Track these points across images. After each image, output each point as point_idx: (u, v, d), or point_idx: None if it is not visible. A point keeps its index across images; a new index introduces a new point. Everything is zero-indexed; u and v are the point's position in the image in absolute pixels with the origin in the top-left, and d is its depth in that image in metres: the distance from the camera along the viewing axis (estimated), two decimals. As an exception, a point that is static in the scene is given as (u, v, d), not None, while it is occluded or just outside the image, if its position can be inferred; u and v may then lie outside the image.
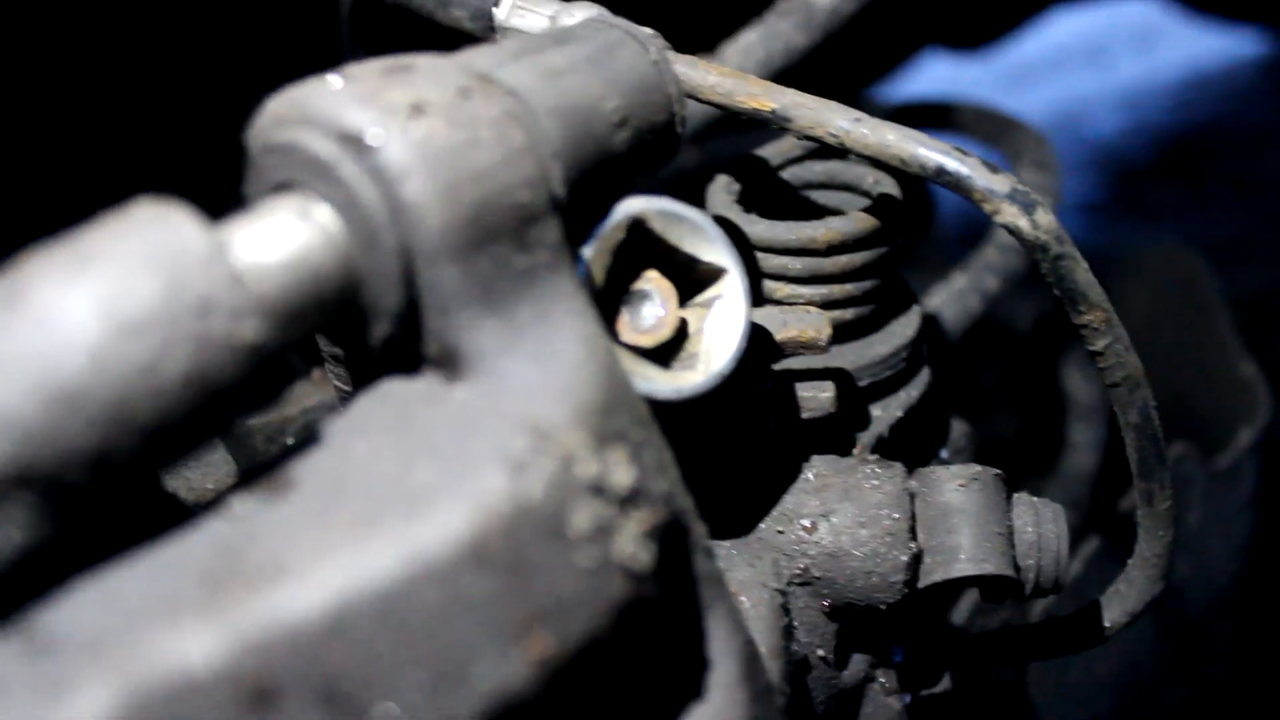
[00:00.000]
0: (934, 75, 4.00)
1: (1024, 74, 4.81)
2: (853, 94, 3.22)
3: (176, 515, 0.58)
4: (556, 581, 0.55)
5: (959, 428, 1.10)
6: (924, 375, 1.01)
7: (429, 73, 0.64)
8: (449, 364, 0.62)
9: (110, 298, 0.52)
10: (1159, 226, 3.82)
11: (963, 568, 0.86)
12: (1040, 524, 0.90)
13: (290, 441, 1.05)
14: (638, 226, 0.74)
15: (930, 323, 1.42)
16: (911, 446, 1.00)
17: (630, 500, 0.59)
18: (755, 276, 0.93)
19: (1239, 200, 3.89)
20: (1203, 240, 3.57)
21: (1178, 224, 3.80)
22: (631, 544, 0.58)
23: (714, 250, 0.76)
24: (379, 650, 0.51)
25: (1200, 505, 1.66)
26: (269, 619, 0.50)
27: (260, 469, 0.59)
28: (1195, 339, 1.92)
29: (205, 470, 0.94)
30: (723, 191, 0.97)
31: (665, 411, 0.71)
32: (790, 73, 1.38)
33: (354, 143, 0.60)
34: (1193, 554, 1.70)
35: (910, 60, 3.31)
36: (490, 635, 0.53)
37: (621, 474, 0.59)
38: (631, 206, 0.73)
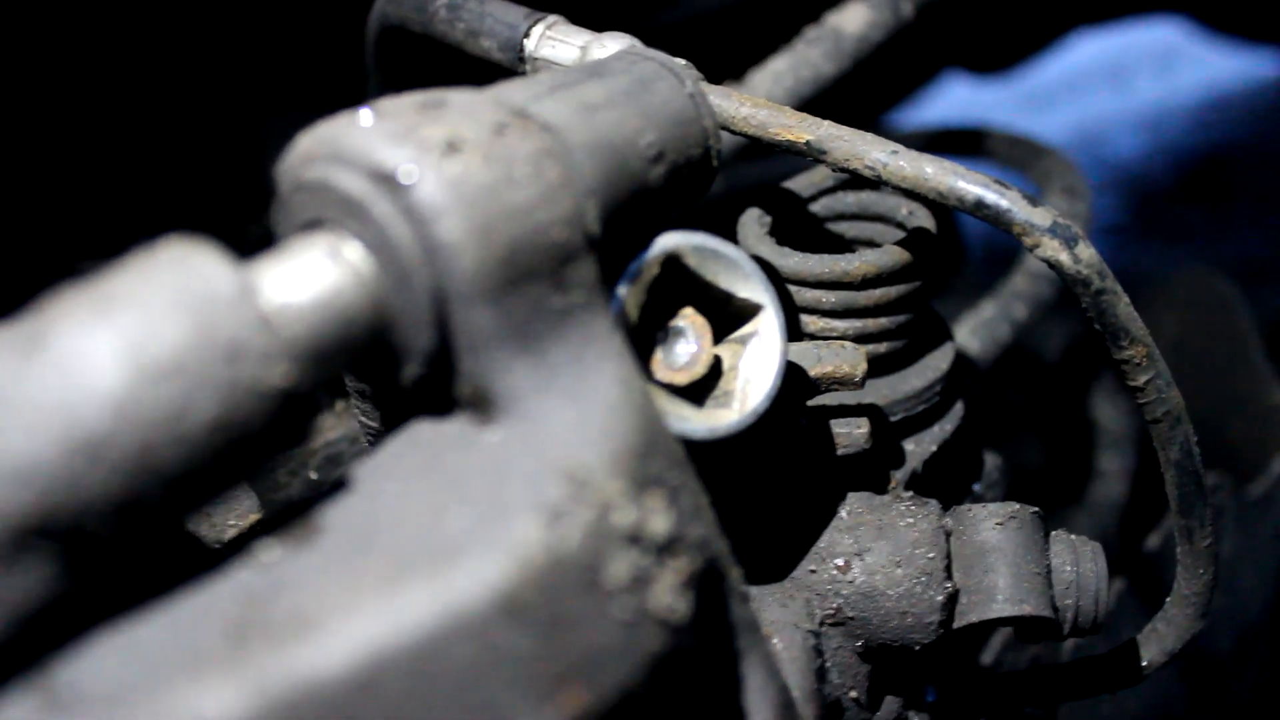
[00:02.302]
0: (954, 97, 3.99)
1: (1044, 96, 4.80)
2: (875, 116, 3.21)
3: (197, 556, 0.57)
4: (592, 634, 0.54)
5: (991, 461, 1.08)
6: (957, 409, 1.00)
7: (463, 108, 0.62)
8: (482, 406, 0.60)
9: (135, 342, 0.50)
10: (1181, 248, 3.81)
11: (1000, 608, 0.84)
12: (1079, 563, 0.88)
13: (313, 475, 1.04)
14: (673, 262, 0.72)
15: (961, 354, 1.40)
16: (945, 481, 0.98)
17: (667, 549, 0.57)
18: (789, 310, 0.92)
19: (1261, 221, 3.87)
20: (1225, 261, 3.55)
21: (1200, 245, 3.78)
22: (668, 594, 0.56)
23: (750, 286, 0.74)
24: (409, 708, 0.50)
25: (1232, 535, 1.64)
26: (295, 675, 0.48)
27: (287, 514, 0.57)
28: (1226, 365, 1.90)
29: (228, 507, 0.92)
30: (755, 224, 0.95)
31: (700, 451, 0.70)
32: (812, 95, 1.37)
33: (387, 181, 0.58)
34: (1224, 584, 1.67)
35: (931, 83, 3.30)
36: (523, 691, 0.52)
37: (659, 521, 0.57)
38: (667, 242, 0.71)
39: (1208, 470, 1.57)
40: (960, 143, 1.80)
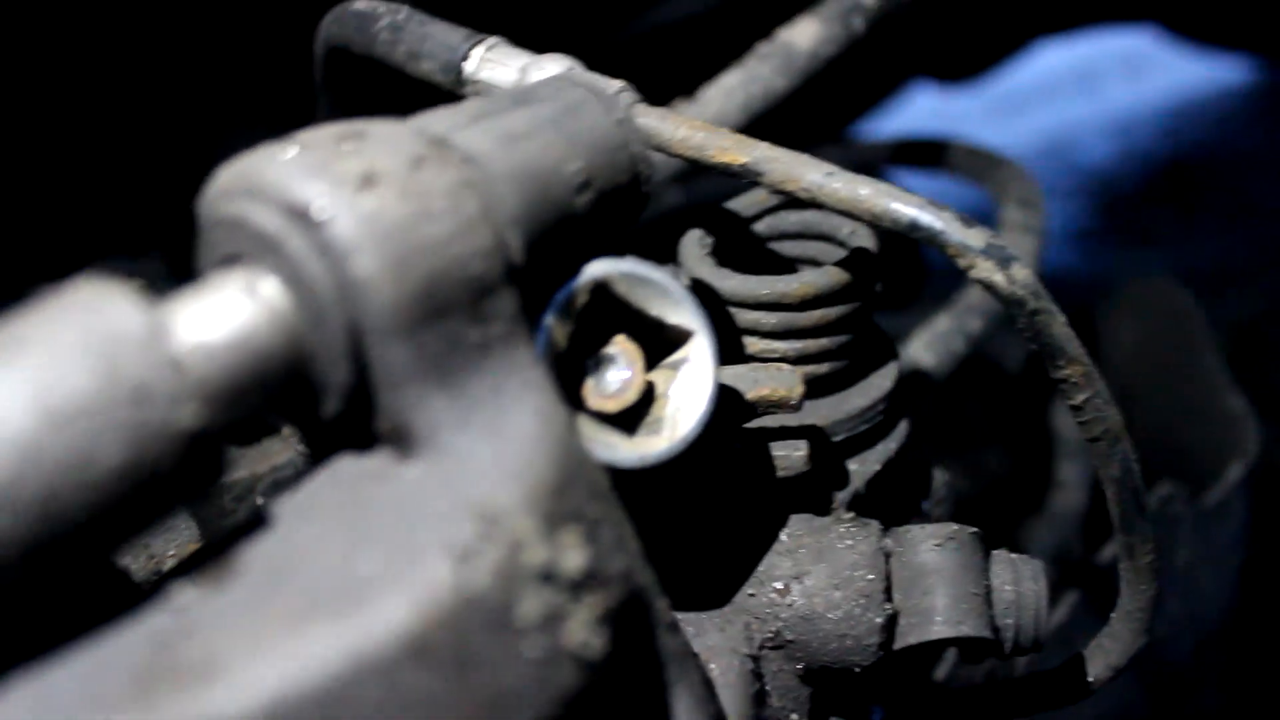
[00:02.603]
0: (923, 105, 4.00)
1: (1014, 102, 4.83)
2: (844, 126, 3.22)
3: (124, 594, 0.56)
4: (503, 674, 0.54)
5: (940, 478, 1.08)
6: (902, 427, 1.00)
7: (382, 140, 0.62)
8: (401, 441, 0.60)
9: (42, 386, 0.50)
10: (1150, 253, 3.83)
11: (939, 630, 0.85)
12: (1019, 582, 0.88)
13: (259, 500, 1.03)
14: (602, 290, 0.72)
15: (912, 368, 1.41)
16: (892, 500, 0.98)
17: (582, 585, 0.57)
18: (729, 331, 0.92)
19: (1229, 226, 3.90)
20: (1193, 266, 3.57)
21: (1168, 250, 3.80)
22: (583, 631, 0.56)
23: (680, 312, 0.74)
24: (316, 754, 0.49)
25: (1189, 543, 1.65)
26: (201, 722, 0.48)
27: (205, 554, 0.57)
28: (1183, 372, 1.91)
29: (168, 537, 0.92)
30: (695, 245, 0.95)
31: (630, 478, 0.70)
32: (778, 106, 1.38)
33: (301, 217, 0.58)
34: (1182, 591, 1.68)
35: (898, 92, 3.31)
36: (434, 734, 0.52)
37: (573, 558, 0.57)
38: (595, 270, 0.71)
39: (1166, 478, 1.59)
40: (921, 154, 1.81)
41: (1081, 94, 5.02)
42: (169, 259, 1.87)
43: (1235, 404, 1.78)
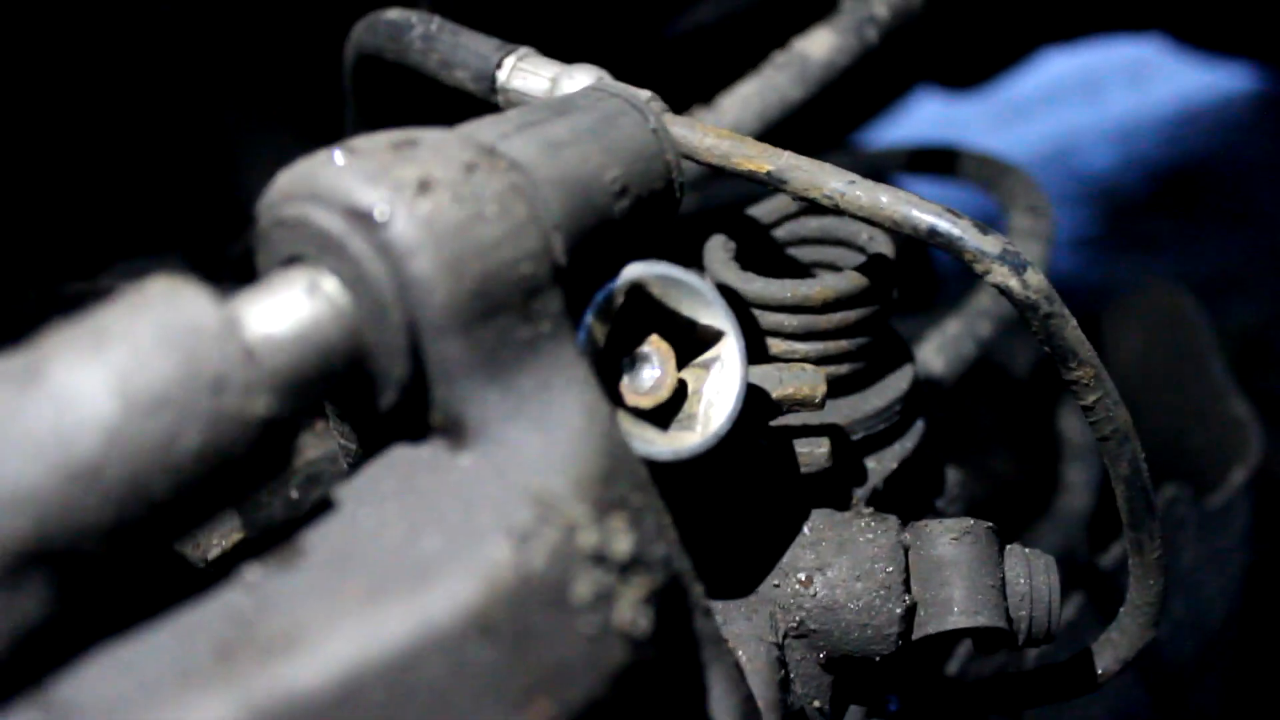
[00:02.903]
0: (928, 112, 4.03)
1: (1018, 109, 4.85)
2: (850, 132, 3.25)
3: (185, 576, 0.60)
4: (558, 649, 0.57)
5: (954, 477, 1.12)
6: (918, 427, 1.03)
7: (435, 147, 0.65)
8: (454, 432, 0.63)
9: (126, 376, 0.53)
10: (1153, 260, 3.85)
11: (956, 620, 0.88)
12: (1033, 575, 0.92)
13: (294, 494, 1.06)
14: (638, 291, 0.76)
15: (923, 371, 1.44)
16: (907, 497, 1.02)
17: (630, 567, 0.61)
18: (752, 333, 0.95)
19: (1231, 233, 3.92)
20: (1196, 273, 3.60)
21: (1171, 257, 3.82)
22: (631, 610, 0.60)
23: (712, 313, 0.77)
24: (387, 719, 0.53)
25: (1193, 545, 1.67)
26: (281, 690, 0.51)
27: (271, 536, 0.61)
28: (1187, 377, 1.94)
29: (211, 527, 0.95)
30: (719, 250, 0.99)
31: (664, 472, 0.73)
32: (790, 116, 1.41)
33: (362, 219, 0.61)
34: (1186, 593, 1.71)
35: (905, 98, 3.34)
36: (494, 703, 0.55)
37: (621, 542, 0.60)
38: (632, 272, 0.75)
39: (1170, 481, 1.62)
40: (932, 161, 1.84)
41: (1085, 101, 5.05)
42: (189, 258, 1.91)
43: (1239, 409, 1.80)
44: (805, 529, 0.90)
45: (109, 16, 1.80)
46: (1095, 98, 5.05)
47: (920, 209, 0.83)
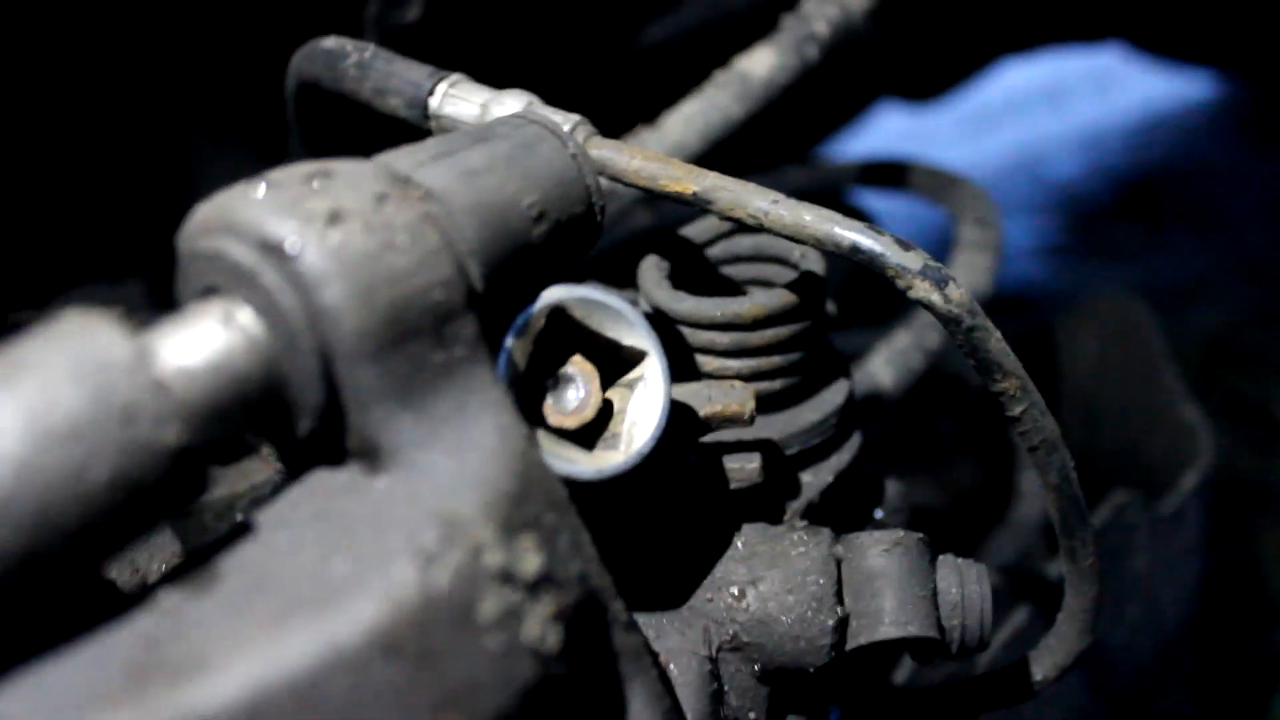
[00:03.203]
0: (894, 121, 4.06)
1: (984, 119, 4.89)
2: (811, 145, 3.28)
3: (112, 602, 0.61)
4: (465, 667, 0.58)
5: (893, 487, 1.13)
6: (855, 440, 1.05)
7: (348, 179, 0.67)
8: (370, 456, 0.65)
9: (36, 409, 0.54)
10: (1118, 267, 3.88)
11: (886, 630, 0.89)
12: (965, 584, 0.93)
13: (239, 517, 1.07)
14: (559, 314, 0.77)
15: (871, 384, 1.45)
16: (844, 509, 1.03)
17: (538, 585, 0.62)
18: (685, 351, 0.97)
19: (1195, 239, 3.96)
20: (1161, 279, 3.63)
21: (1136, 264, 3.86)
22: (539, 627, 0.61)
23: (634, 334, 0.79)
24: (293, 740, 0.54)
25: (1146, 550, 1.69)
26: (187, 713, 0.52)
27: (190, 561, 0.62)
28: (1141, 384, 1.96)
29: (151, 551, 0.96)
30: (653, 270, 1.00)
31: (589, 491, 0.74)
32: (747, 126, 1.43)
33: (274, 251, 0.63)
34: (1141, 598, 1.73)
35: (867, 110, 3.37)
36: (401, 721, 0.56)
37: (530, 560, 0.62)
38: (552, 295, 0.76)
39: (1120, 489, 1.64)
40: (883, 175, 1.86)
41: (1050, 110, 5.09)
42: (150, 284, 1.91)
43: (1190, 414, 1.83)
44: (738, 543, 0.91)
45: (71, 43, 1.81)
46: (1060, 107, 5.09)
47: (842, 226, 0.85)
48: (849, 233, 0.84)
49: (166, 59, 1.93)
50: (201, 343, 0.62)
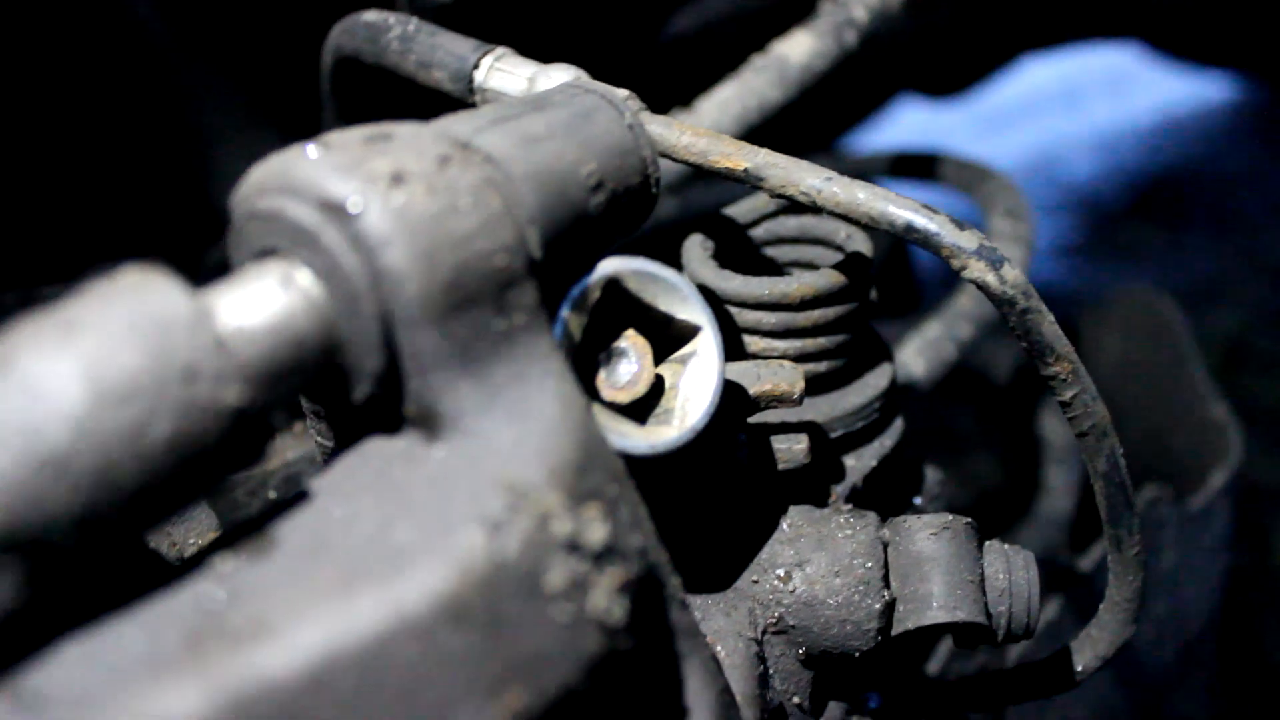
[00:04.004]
0: (911, 120, 4.05)
1: (1000, 118, 4.87)
2: (830, 140, 3.26)
3: (159, 572, 0.59)
4: (532, 637, 0.57)
5: (933, 475, 1.12)
6: (897, 425, 1.03)
7: (409, 141, 0.65)
8: (428, 424, 0.63)
9: (96, 366, 0.53)
10: (1134, 268, 3.86)
11: (935, 615, 0.88)
12: (1012, 571, 0.92)
13: (272, 495, 1.06)
14: (614, 286, 0.76)
15: (903, 373, 1.44)
16: (886, 495, 1.02)
17: (604, 556, 0.60)
18: (731, 331, 0.95)
19: (1212, 241, 3.94)
20: (1178, 281, 3.62)
21: (1153, 265, 3.84)
22: (605, 599, 0.60)
23: (689, 308, 0.77)
24: (359, 706, 0.52)
25: (1174, 547, 1.68)
26: (252, 677, 0.51)
27: (244, 527, 0.60)
28: (1167, 381, 1.95)
29: (188, 525, 0.95)
30: (698, 248, 0.99)
31: (641, 466, 0.73)
32: (769, 118, 1.41)
33: (336, 211, 0.61)
34: (1167, 595, 1.71)
35: (887, 105, 3.35)
36: (467, 690, 0.55)
37: (596, 531, 0.60)
38: (608, 267, 0.75)
39: (1150, 484, 1.62)
40: (913, 166, 1.85)
41: (1067, 110, 5.07)
42: (167, 265, 1.90)
43: (1218, 412, 1.81)
44: (784, 525, 0.90)
45: (85, 21, 1.80)
46: (1077, 107, 5.07)
47: (897, 205, 0.83)
48: (904, 211, 0.83)
49: (185, 38, 1.92)
50: (260, 303, 0.61)
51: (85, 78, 1.86)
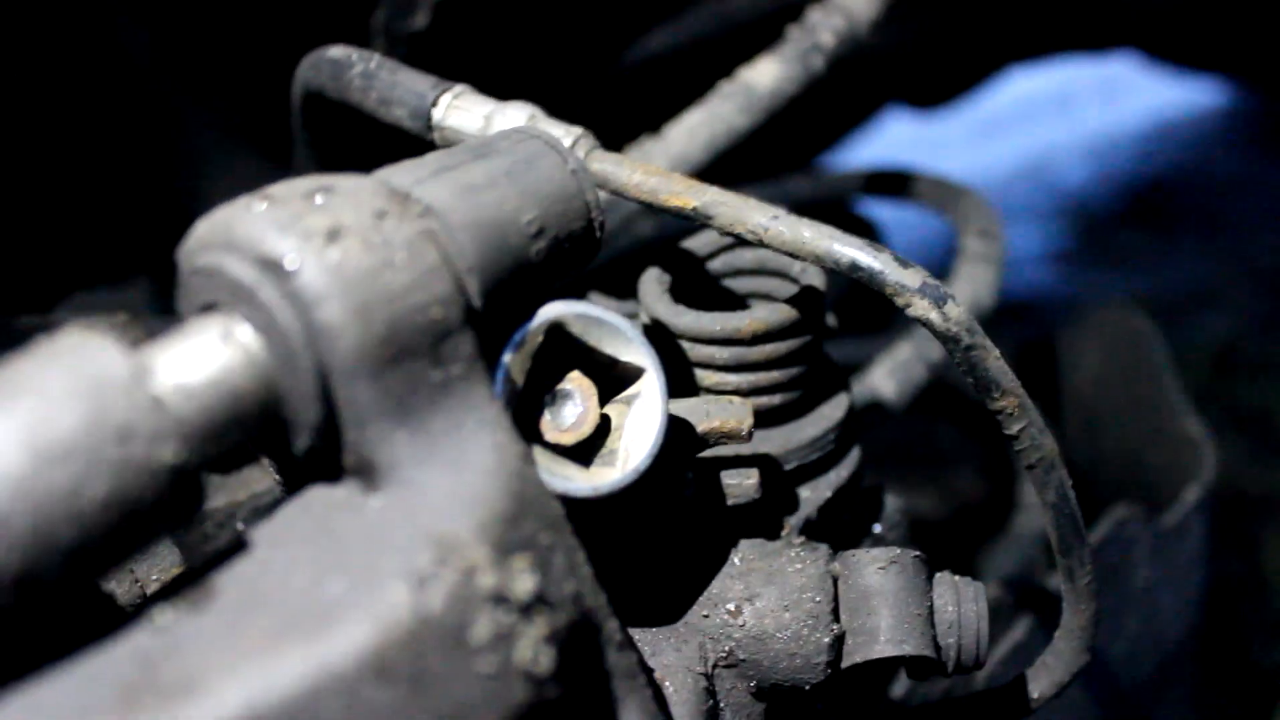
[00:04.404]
0: (902, 128, 4.06)
1: (992, 126, 4.87)
2: (818, 152, 3.27)
3: (107, 618, 0.61)
4: (457, 689, 0.58)
5: (893, 503, 1.13)
6: (854, 455, 1.05)
7: (347, 195, 0.67)
8: (366, 474, 0.65)
9: (33, 427, 0.55)
10: (1126, 275, 3.87)
11: (882, 649, 0.89)
12: (961, 603, 0.93)
13: (240, 526, 1.07)
14: (557, 330, 0.77)
15: (872, 396, 1.45)
16: (843, 525, 1.03)
17: (531, 607, 0.62)
18: (684, 365, 0.97)
19: (1204, 248, 3.95)
20: (1169, 288, 3.62)
21: (1144, 272, 3.85)
22: (532, 649, 0.61)
23: (632, 350, 0.79)
24: (284, 763, 0.54)
25: (1147, 564, 1.69)
26: (179, 734, 0.52)
27: (186, 577, 0.62)
28: (1143, 396, 1.96)
29: (151, 562, 0.96)
30: (654, 283, 1.00)
31: (585, 507, 0.75)
32: (758, 131, 1.42)
33: (273, 268, 0.63)
34: (1142, 612, 1.73)
35: (874, 116, 3.36)
36: (392, 746, 0.56)
37: (524, 582, 0.62)
38: (550, 311, 0.76)
39: (1121, 503, 1.63)
40: (887, 184, 1.86)
41: (1058, 117, 5.08)
42: (154, 286, 1.91)
43: (1193, 428, 1.82)
44: (735, 559, 0.91)
45: (79, 43, 1.82)
46: (1069, 114, 5.07)
47: (841, 243, 0.85)
48: (848, 249, 0.85)
49: (174, 61, 1.93)
50: (199, 359, 0.62)
51: (71, 103, 1.87)
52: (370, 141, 1.13)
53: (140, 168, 1.99)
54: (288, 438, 0.66)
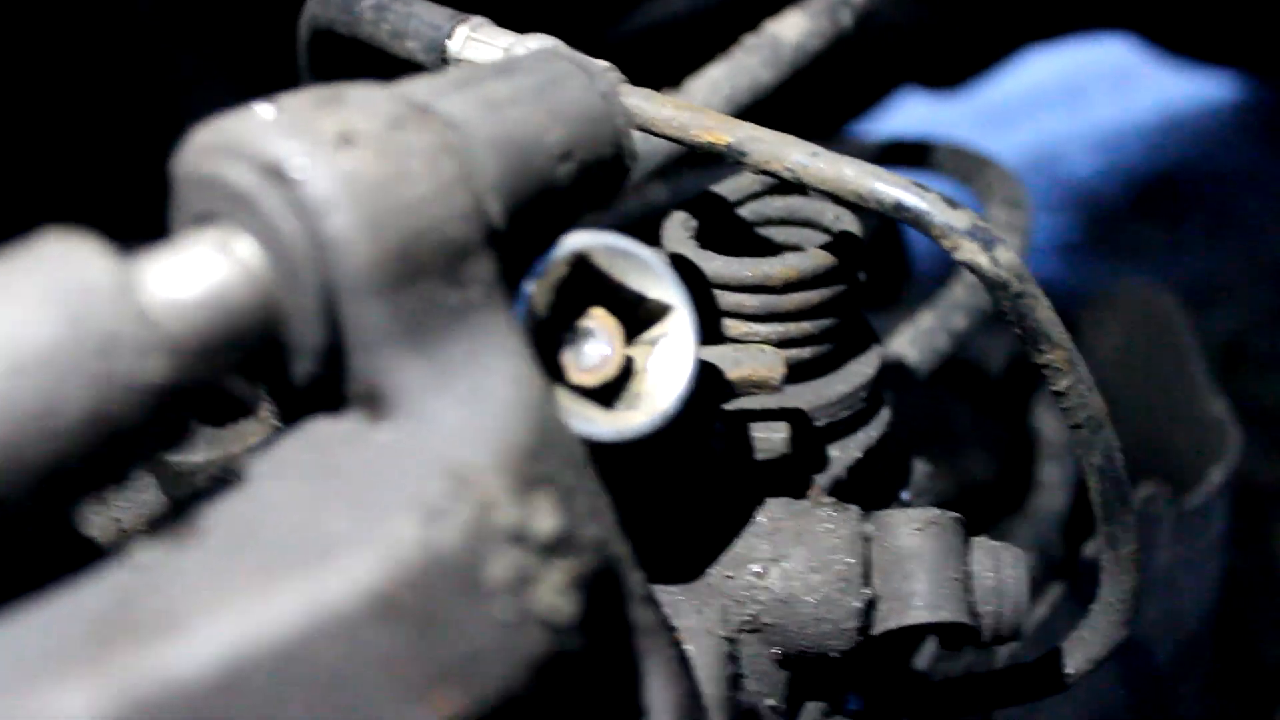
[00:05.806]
0: (911, 114, 4.01)
1: (1001, 114, 4.83)
2: (828, 134, 3.22)
3: (86, 560, 0.55)
4: (469, 635, 0.53)
5: (921, 468, 1.08)
6: (884, 415, 0.99)
7: (361, 102, 0.61)
8: (373, 404, 0.59)
9: (5, 335, 0.49)
10: (1135, 267, 3.84)
11: (917, 615, 0.84)
12: (1000, 569, 0.88)
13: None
14: (582, 262, 0.71)
15: (895, 362, 1.40)
16: (871, 488, 0.98)
17: (554, 548, 0.56)
18: (711, 313, 0.91)
19: (1214, 241, 3.92)
20: (1178, 280, 3.58)
21: (1153, 264, 3.82)
22: (553, 595, 0.55)
23: (661, 287, 0.73)
24: (274, 708, 0.48)
25: (1170, 545, 1.64)
26: (157, 675, 0.47)
27: (171, 513, 0.56)
28: (1167, 377, 1.91)
29: (139, 511, 0.91)
30: (679, 227, 0.95)
31: (606, 453, 0.69)
32: (766, 110, 1.37)
33: (276, 175, 0.57)
34: (1163, 594, 1.68)
35: (887, 99, 3.32)
36: (394, 692, 0.51)
37: (545, 521, 0.56)
38: (576, 241, 0.70)
39: (1146, 481, 1.58)
40: (907, 154, 1.81)
41: (1068, 108, 5.03)
42: (134, 235, 1.86)
43: (1218, 409, 1.77)
44: (761, 518, 0.86)
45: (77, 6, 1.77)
46: (1078, 105, 5.03)
47: (885, 182, 0.79)
48: (892, 189, 0.79)
49: (175, 9, 1.88)
50: (193, 272, 0.56)
51: (75, 63, 1.83)
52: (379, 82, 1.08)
53: (123, 110, 1.94)
54: (287, 363, 0.60)
